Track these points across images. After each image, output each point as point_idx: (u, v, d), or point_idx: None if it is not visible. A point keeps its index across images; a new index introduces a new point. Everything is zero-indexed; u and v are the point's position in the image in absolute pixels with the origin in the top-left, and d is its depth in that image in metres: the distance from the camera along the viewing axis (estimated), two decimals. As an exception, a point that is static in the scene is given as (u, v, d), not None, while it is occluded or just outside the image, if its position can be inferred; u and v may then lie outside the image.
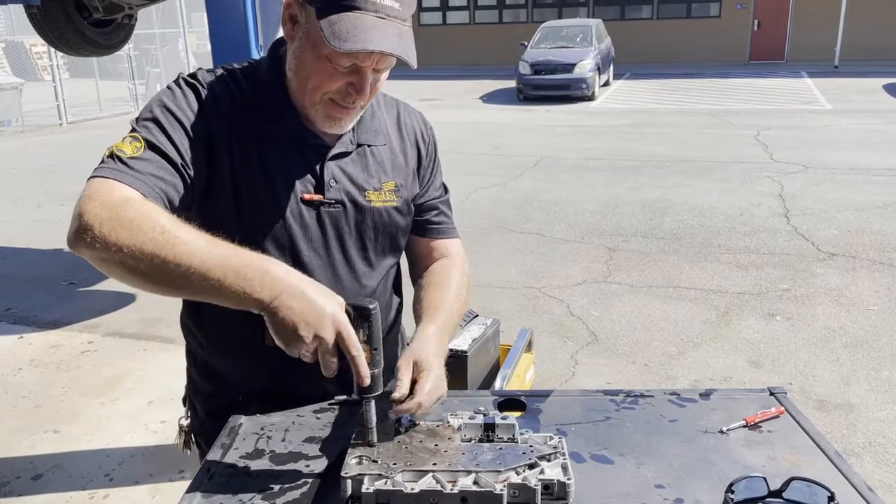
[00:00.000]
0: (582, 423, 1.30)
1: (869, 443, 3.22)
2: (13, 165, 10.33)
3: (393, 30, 1.16)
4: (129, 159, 1.15)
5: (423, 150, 1.46)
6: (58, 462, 3.22)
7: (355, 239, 1.36)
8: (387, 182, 1.38)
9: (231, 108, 1.27)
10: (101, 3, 4.94)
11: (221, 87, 1.28)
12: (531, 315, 4.66)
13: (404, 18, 1.19)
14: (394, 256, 1.45)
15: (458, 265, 1.49)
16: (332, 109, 1.25)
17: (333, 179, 1.32)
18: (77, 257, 1.14)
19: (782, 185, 7.73)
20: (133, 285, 1.12)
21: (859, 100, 13.98)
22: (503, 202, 7.38)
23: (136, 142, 1.18)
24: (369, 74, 1.21)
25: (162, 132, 1.20)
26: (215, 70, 1.32)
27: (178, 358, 1.39)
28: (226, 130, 1.25)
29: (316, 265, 1.33)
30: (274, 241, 1.29)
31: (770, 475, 1.08)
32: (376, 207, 1.36)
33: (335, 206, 1.32)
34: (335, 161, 1.32)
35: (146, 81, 17.65)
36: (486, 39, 23.93)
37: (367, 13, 1.14)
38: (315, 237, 1.32)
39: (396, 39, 1.16)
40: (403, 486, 1.02)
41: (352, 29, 1.13)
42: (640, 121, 12.51)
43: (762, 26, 22.01)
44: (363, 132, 1.35)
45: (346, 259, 1.36)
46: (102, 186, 1.11)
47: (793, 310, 4.63)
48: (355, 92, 1.22)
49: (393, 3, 1.16)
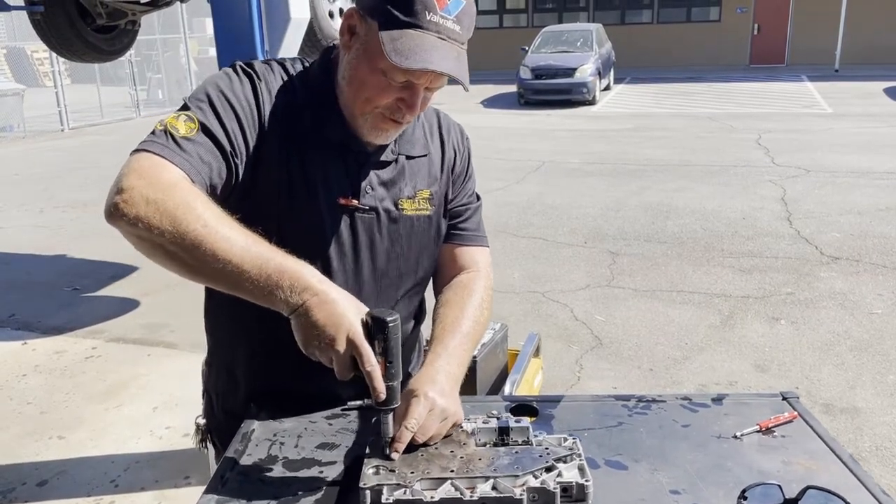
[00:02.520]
0: (595, 428, 1.30)
1: (876, 447, 3.21)
2: (15, 171, 10.34)
3: (452, 52, 1.18)
4: (182, 139, 1.16)
5: (458, 159, 1.47)
6: (63, 468, 3.22)
7: (386, 247, 1.37)
8: (421, 191, 1.39)
9: (282, 106, 1.28)
10: (105, 9, 4.94)
11: (276, 84, 1.30)
12: (535, 320, 4.65)
13: (463, 42, 1.21)
14: (424, 268, 1.44)
15: (483, 278, 1.46)
16: (380, 121, 1.26)
17: (370, 186, 1.33)
18: (80, 263, 1.16)
19: (784, 188, 7.73)
20: (166, 267, 1.13)
21: (860, 103, 14.00)
22: (505, 206, 7.38)
23: (190, 122, 1.18)
24: (421, 92, 1.23)
25: (216, 117, 1.21)
26: (271, 65, 1.33)
27: (182, 363, 1.40)
28: (274, 128, 1.27)
29: (343, 269, 1.33)
30: (307, 242, 1.28)
31: (785, 481, 1.08)
32: (408, 216, 1.37)
33: (369, 213, 1.33)
34: (374, 169, 1.34)
35: (147, 87, 17.68)
36: (487, 44, 23.90)
37: (430, 33, 1.16)
38: (346, 242, 1.33)
39: (455, 61, 1.18)
40: (423, 494, 1.01)
41: (414, 47, 1.15)
42: (641, 125, 12.52)
43: (762, 30, 22.05)
44: (404, 143, 1.37)
45: (374, 266, 1.36)
46: (151, 163, 1.12)
47: (797, 314, 4.63)
48: (406, 108, 1.24)
49: (454, 27, 1.18)
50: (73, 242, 6.51)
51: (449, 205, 1.46)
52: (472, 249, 1.49)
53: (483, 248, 1.52)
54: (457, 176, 1.47)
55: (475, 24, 1.25)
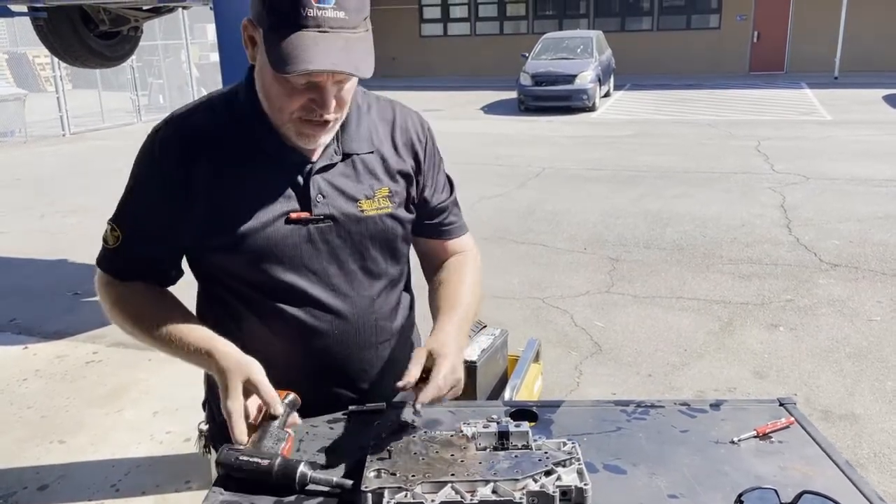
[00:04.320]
0: (594, 433, 1.31)
1: (874, 454, 3.22)
2: (16, 176, 10.36)
3: (337, 43, 1.14)
4: (113, 251, 1.36)
5: (419, 150, 1.43)
6: (64, 472, 3.23)
7: (351, 251, 1.35)
8: (380, 189, 1.36)
9: (208, 143, 1.29)
10: (108, 15, 4.98)
11: (188, 128, 1.32)
12: (535, 325, 4.67)
13: (354, 26, 1.16)
14: (395, 263, 1.44)
15: (471, 259, 1.52)
16: (302, 126, 1.24)
17: (321, 195, 1.31)
18: (81, 268, 1.29)
19: (784, 195, 7.75)
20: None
21: (859, 111, 14.03)
22: (505, 212, 7.40)
23: (114, 232, 1.35)
24: (330, 88, 1.20)
25: (133, 214, 1.34)
26: (195, 105, 1.36)
27: (183, 368, 1.41)
28: (199, 173, 1.29)
29: (311, 282, 1.34)
30: (270, 263, 1.31)
31: (781, 486, 1.09)
32: (370, 216, 1.35)
33: (324, 222, 1.31)
34: (321, 174, 1.31)
35: (149, 93, 17.71)
36: (488, 51, 24.03)
37: (309, 30, 1.12)
38: (307, 255, 1.32)
39: (341, 53, 1.14)
40: (424, 498, 1.03)
41: (293, 50, 1.12)
42: (640, 131, 12.55)
43: (762, 38, 22.11)
44: (349, 141, 1.34)
45: (343, 272, 1.36)
46: (99, 282, 1.40)
47: (796, 320, 4.64)
48: (318, 107, 1.21)
49: (337, 13, 1.13)
50: (74, 247, 6.51)
51: (430, 203, 1.46)
52: (461, 239, 1.54)
53: (467, 234, 1.57)
54: (426, 170, 1.44)
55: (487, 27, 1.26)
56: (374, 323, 1.41)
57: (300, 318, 1.34)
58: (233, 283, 1.35)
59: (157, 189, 1.30)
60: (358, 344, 1.40)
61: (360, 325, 1.39)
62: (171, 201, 1.29)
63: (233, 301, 1.37)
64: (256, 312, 1.35)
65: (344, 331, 1.38)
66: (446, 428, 1.25)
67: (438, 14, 25.02)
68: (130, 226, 1.34)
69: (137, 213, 1.33)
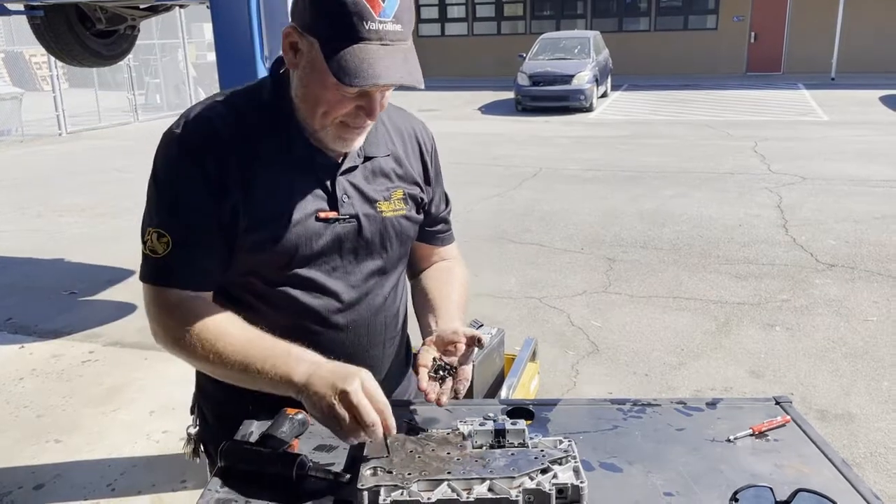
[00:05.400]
0: (590, 431, 1.31)
1: (870, 453, 3.23)
2: (13, 175, 10.34)
3: (398, 56, 1.17)
4: (164, 259, 1.26)
5: (427, 159, 1.48)
6: (59, 472, 3.22)
7: (369, 251, 1.38)
8: (395, 191, 1.40)
9: (231, 145, 1.28)
10: (104, 13, 4.96)
11: (217, 126, 1.28)
12: (532, 325, 4.67)
13: (406, 38, 1.19)
14: (403, 262, 1.49)
15: (459, 266, 1.59)
16: (342, 131, 1.27)
17: (346, 195, 1.34)
18: (78, 267, 1.22)
19: (780, 196, 7.76)
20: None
21: (856, 111, 14.06)
22: (502, 213, 7.40)
23: (162, 237, 1.26)
24: (377, 97, 1.23)
25: (177, 214, 1.26)
26: (214, 102, 1.32)
27: (179, 368, 1.40)
28: (231, 172, 1.27)
29: (333, 278, 1.36)
30: (298, 260, 1.32)
31: (777, 484, 1.09)
32: (388, 217, 1.38)
33: (349, 221, 1.34)
34: (345, 176, 1.34)
35: (146, 92, 17.70)
36: (485, 51, 24.03)
37: (372, 43, 1.14)
38: (333, 252, 1.34)
39: (403, 66, 1.17)
40: (420, 495, 1.03)
41: (359, 63, 1.13)
42: (637, 132, 12.56)
43: (759, 38, 22.14)
44: (369, 145, 1.37)
45: (362, 271, 1.39)
46: (153, 299, 1.30)
47: (792, 320, 4.65)
48: (366, 115, 1.24)
49: (395, 27, 1.16)
50: (71, 246, 6.52)
51: (431, 211, 1.51)
52: (449, 247, 1.61)
53: (455, 242, 1.63)
54: (432, 177, 1.49)
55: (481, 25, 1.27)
56: (383, 320, 1.45)
57: (317, 308, 1.35)
58: (251, 278, 1.34)
59: (198, 188, 1.26)
60: (370, 341, 1.43)
61: (371, 322, 1.42)
62: (214, 199, 1.26)
63: (246, 296, 1.36)
64: (274, 306, 1.35)
65: (357, 326, 1.41)
66: (442, 426, 1.25)
67: (436, 14, 25.00)
68: (180, 228, 1.26)
69: (184, 214, 1.26)
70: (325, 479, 1.12)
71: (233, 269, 1.33)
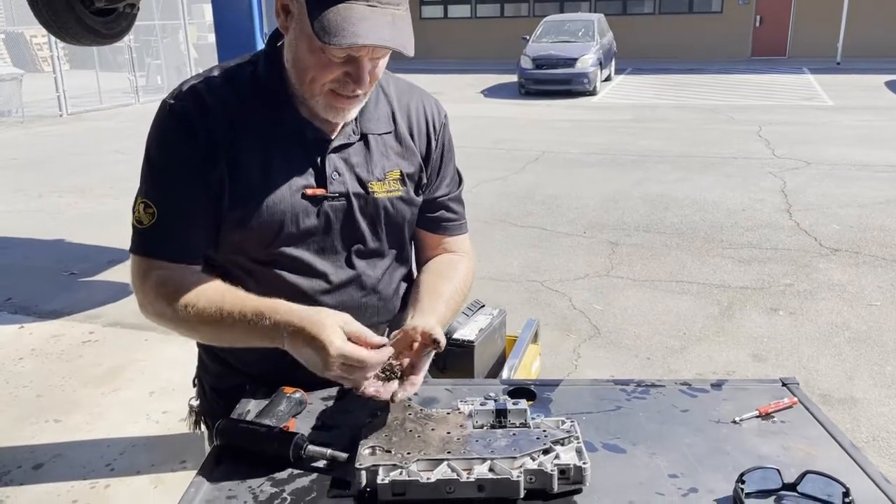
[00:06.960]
0: (593, 412, 1.29)
1: (873, 437, 3.21)
2: (13, 156, 10.30)
3: (385, 18, 1.13)
4: (149, 229, 1.25)
5: (433, 136, 1.42)
6: (59, 451, 3.21)
7: (359, 231, 1.35)
8: (391, 171, 1.35)
9: (223, 116, 1.25)
10: (103, -9, 4.90)
11: (209, 99, 1.26)
12: (534, 308, 4.65)
13: (398, 3, 1.15)
14: (400, 247, 1.43)
15: (466, 261, 1.49)
16: (333, 100, 1.23)
17: (336, 172, 1.30)
18: (78, 248, 1.20)
19: (784, 180, 7.71)
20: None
21: (861, 96, 13.96)
22: (505, 196, 7.36)
23: (148, 208, 1.25)
24: (366, 64, 1.19)
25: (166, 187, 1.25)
26: (209, 75, 1.30)
27: (179, 349, 1.39)
28: (221, 144, 1.25)
29: (320, 257, 1.32)
30: (282, 237, 1.29)
31: (784, 465, 1.07)
32: (380, 198, 1.34)
33: (338, 200, 1.30)
34: (337, 153, 1.30)
35: (146, 73, 17.60)
36: (488, 33, 23.89)
37: (358, 3, 1.11)
38: (319, 230, 1.31)
39: (389, 29, 1.13)
40: (419, 475, 1.00)
41: (341, 21, 1.10)
42: (641, 116, 12.49)
43: (764, 22, 21.98)
44: (366, 121, 1.33)
45: (350, 251, 1.35)
46: (138, 269, 1.27)
47: (796, 305, 4.62)
48: (353, 81, 1.20)
49: None
50: (71, 227, 6.49)
51: (433, 193, 1.44)
52: (458, 238, 1.51)
53: (465, 235, 1.53)
54: (434, 158, 1.43)
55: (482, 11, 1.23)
56: (375, 303, 1.41)
57: (304, 289, 1.32)
58: (238, 256, 1.32)
59: (186, 159, 1.24)
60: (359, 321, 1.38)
61: (362, 304, 1.38)
62: (202, 172, 1.24)
63: (235, 271, 1.34)
64: (261, 283, 1.32)
65: (346, 308, 1.35)
66: (443, 405, 1.22)
67: (439, -4, 24.84)
68: (165, 200, 1.25)
69: (170, 186, 1.25)
70: (323, 458, 1.10)
71: (221, 245, 1.31)
